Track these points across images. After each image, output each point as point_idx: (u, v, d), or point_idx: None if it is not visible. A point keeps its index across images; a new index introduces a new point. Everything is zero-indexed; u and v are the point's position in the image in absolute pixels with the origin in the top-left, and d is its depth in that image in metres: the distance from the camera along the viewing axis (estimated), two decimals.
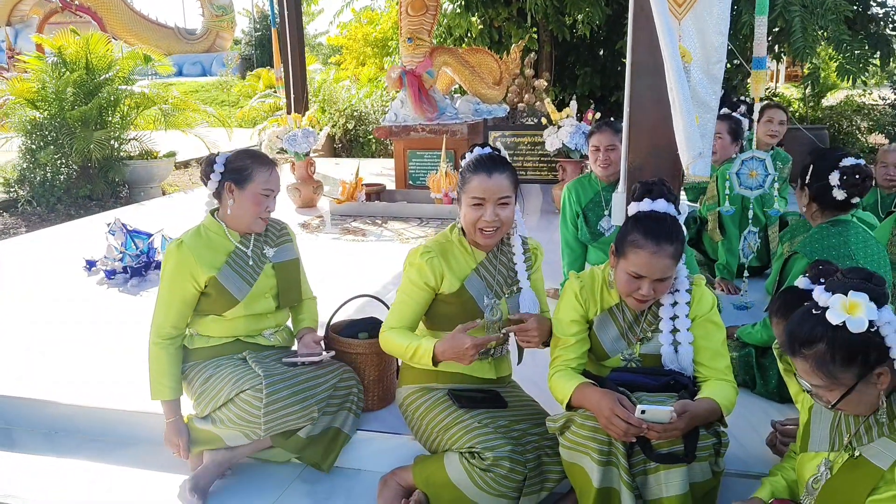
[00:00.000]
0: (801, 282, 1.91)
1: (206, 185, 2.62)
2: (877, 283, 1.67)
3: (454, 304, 2.40)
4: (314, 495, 2.51)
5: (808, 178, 2.79)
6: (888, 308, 1.62)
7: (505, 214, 2.31)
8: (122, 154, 9.12)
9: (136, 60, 9.44)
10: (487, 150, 2.38)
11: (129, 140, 9.27)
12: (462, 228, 2.43)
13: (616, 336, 2.25)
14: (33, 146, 8.67)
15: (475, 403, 2.39)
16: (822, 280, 1.75)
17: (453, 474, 2.25)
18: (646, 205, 2.15)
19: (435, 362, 2.29)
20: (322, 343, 2.71)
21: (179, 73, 22.83)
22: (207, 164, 2.60)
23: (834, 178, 2.70)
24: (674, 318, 2.19)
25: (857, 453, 1.72)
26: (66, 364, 3.36)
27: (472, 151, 2.39)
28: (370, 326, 2.88)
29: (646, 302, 2.16)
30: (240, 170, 2.56)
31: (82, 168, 8.74)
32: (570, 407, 2.14)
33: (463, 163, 2.39)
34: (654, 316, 2.22)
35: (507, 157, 2.40)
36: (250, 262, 2.62)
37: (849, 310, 1.60)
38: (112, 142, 8.90)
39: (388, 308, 2.53)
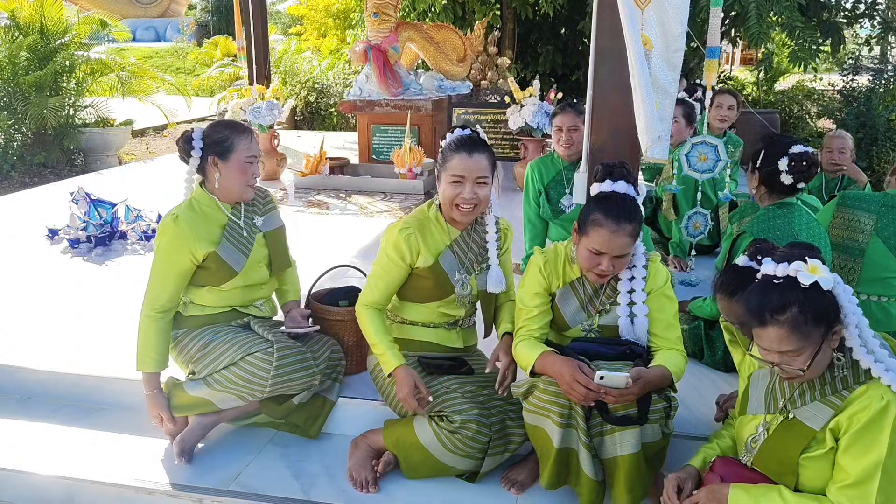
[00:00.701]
0: (741, 259, 2.07)
1: (186, 162, 2.63)
2: (817, 252, 1.84)
3: (427, 279, 2.50)
4: (287, 458, 2.62)
5: (758, 162, 2.95)
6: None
7: (483, 193, 2.41)
8: (77, 121, 8.95)
9: (93, 25, 9.23)
10: (468, 131, 2.47)
11: (85, 107, 9.09)
12: (439, 205, 2.53)
13: (577, 308, 2.39)
14: None
15: (443, 370, 2.53)
16: (760, 257, 1.91)
17: (422, 436, 2.39)
18: (607, 186, 2.28)
19: (390, 374, 2.45)
20: (308, 318, 2.80)
21: (133, 39, 22.24)
22: (185, 141, 2.61)
23: (783, 163, 2.86)
24: (631, 291, 2.34)
25: (791, 415, 1.90)
26: (39, 331, 3.39)
27: (452, 133, 2.49)
28: (349, 294, 2.99)
29: (605, 277, 2.30)
30: (221, 141, 2.59)
31: (37, 135, 8.56)
32: (533, 373, 2.28)
33: (443, 142, 2.48)
34: (613, 290, 2.37)
35: (485, 137, 2.50)
36: (244, 233, 2.67)
37: (813, 272, 1.75)
38: (67, 109, 8.72)
39: (364, 275, 2.63)
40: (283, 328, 2.73)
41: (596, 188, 2.32)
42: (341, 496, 2.41)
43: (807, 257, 1.78)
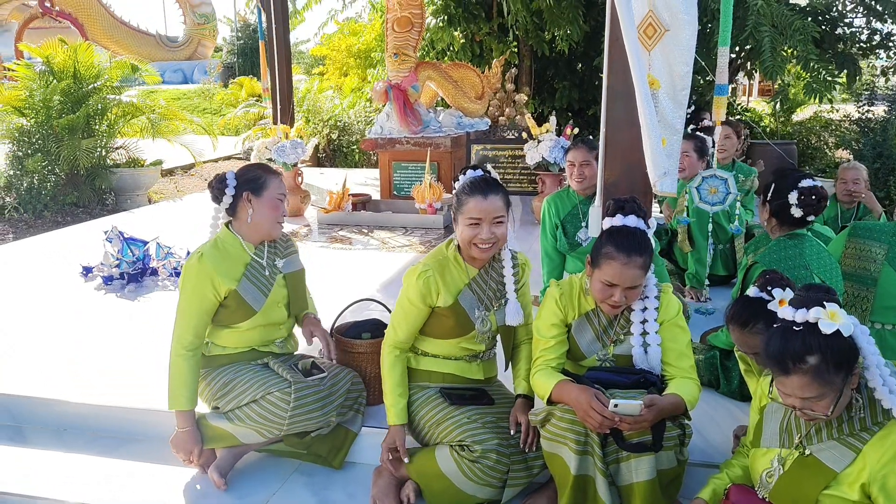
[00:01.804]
0: (752, 291, 2.13)
1: (219, 201, 2.74)
2: (832, 294, 1.86)
3: (448, 317, 2.58)
4: (312, 486, 2.70)
5: (769, 195, 3.03)
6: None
7: (500, 232, 2.49)
8: (109, 162, 9.22)
9: (124, 70, 9.56)
10: (479, 172, 2.56)
11: (117, 148, 9.39)
12: (458, 245, 2.60)
13: (592, 339, 2.46)
14: (20, 153, 8.77)
15: (465, 401, 2.59)
16: (770, 288, 1.97)
17: (444, 465, 2.46)
18: (618, 220, 2.37)
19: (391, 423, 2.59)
20: (323, 338, 2.89)
21: (161, 81, 22.88)
22: (219, 181, 2.74)
23: (793, 197, 2.94)
24: (644, 321, 2.41)
25: (807, 452, 1.93)
26: (74, 364, 3.52)
27: (463, 174, 2.57)
28: (372, 327, 3.09)
29: (618, 308, 2.37)
30: (254, 179, 2.73)
31: (69, 175, 8.84)
32: (549, 402, 2.35)
33: (457, 185, 2.56)
34: (626, 320, 2.44)
35: (497, 176, 2.60)
36: (266, 272, 2.79)
37: (833, 318, 1.77)
38: (99, 150, 9.00)
39: (387, 309, 2.72)
40: (311, 360, 2.85)
41: (608, 222, 2.40)
42: None
43: (825, 302, 1.80)
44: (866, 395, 1.87)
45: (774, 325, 1.90)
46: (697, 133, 4.69)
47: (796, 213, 2.93)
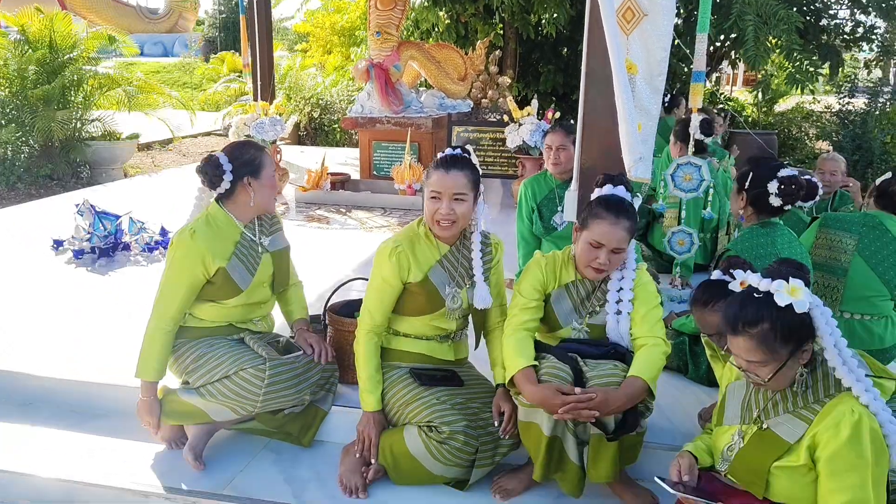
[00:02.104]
0: (715, 273, 2.16)
1: (215, 187, 2.66)
2: (804, 272, 1.93)
3: (419, 294, 2.58)
4: (280, 463, 2.69)
5: (746, 184, 3.03)
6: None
7: (460, 210, 2.48)
8: (84, 134, 9.09)
9: (101, 41, 9.40)
10: (457, 150, 2.57)
11: (92, 121, 9.25)
12: None
13: (570, 309, 2.53)
14: None
15: (434, 381, 2.59)
16: (731, 272, 2.00)
17: (412, 445, 2.47)
18: (608, 189, 2.45)
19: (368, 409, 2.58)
20: (318, 344, 2.81)
21: (140, 53, 22.53)
22: (214, 166, 2.64)
23: (772, 186, 2.95)
24: (619, 290, 2.48)
25: (764, 426, 1.98)
26: (41, 338, 3.48)
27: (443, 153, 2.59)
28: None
29: (601, 272, 2.43)
30: (251, 161, 2.67)
31: (44, 147, 8.70)
32: (511, 382, 2.39)
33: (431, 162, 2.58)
34: (603, 293, 2.51)
35: (475, 158, 2.59)
36: (259, 249, 2.75)
37: (792, 293, 1.83)
38: (74, 122, 8.88)
39: None
40: (286, 338, 2.83)
41: (597, 192, 2.48)
42: (331, 501, 2.48)
43: (790, 277, 1.86)
44: (821, 370, 1.92)
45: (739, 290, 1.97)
46: (681, 118, 4.70)
47: (775, 202, 2.95)
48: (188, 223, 2.69)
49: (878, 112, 8.63)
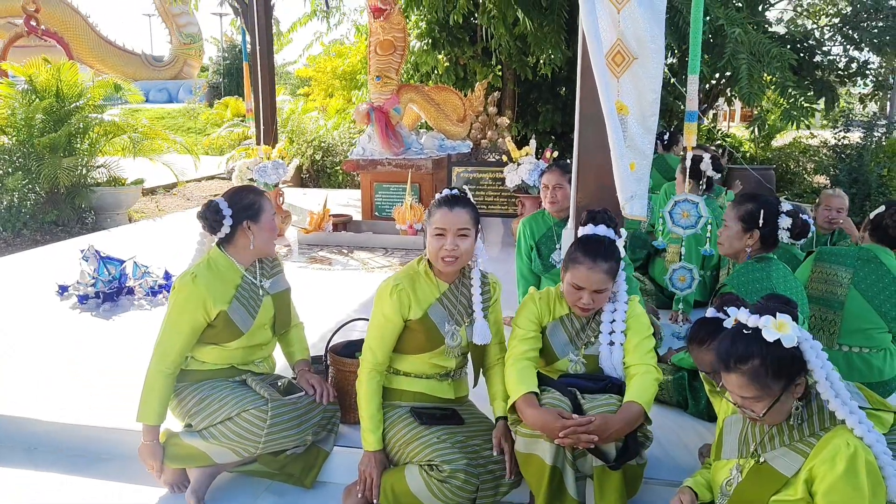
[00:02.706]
0: (710, 311, 2.19)
1: (216, 231, 2.72)
2: (792, 307, 1.96)
3: (418, 331, 2.61)
4: None
5: (760, 221, 2.98)
6: (804, 328, 1.91)
7: (464, 246, 2.54)
8: (89, 181, 9.20)
9: (107, 88, 9.57)
10: (455, 191, 2.64)
11: (98, 167, 9.37)
12: (429, 261, 2.66)
13: (565, 341, 2.59)
14: (0, 171, 8.72)
15: (435, 420, 2.61)
16: (725, 310, 2.03)
17: (413, 484, 2.47)
18: (589, 229, 2.53)
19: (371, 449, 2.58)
20: (319, 385, 2.84)
21: (146, 100, 22.92)
22: (214, 212, 2.70)
23: (785, 223, 2.98)
24: (612, 322, 2.55)
25: (762, 459, 1.99)
26: (46, 383, 3.50)
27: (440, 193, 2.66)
28: None
29: (587, 310, 2.52)
30: (250, 205, 2.73)
31: (49, 194, 8.80)
32: (512, 408, 2.44)
33: (432, 202, 2.65)
34: (597, 324, 2.57)
35: (471, 198, 2.67)
36: (260, 292, 2.79)
37: (779, 328, 1.86)
38: (80, 168, 8.98)
39: None
40: (287, 379, 2.85)
41: (581, 231, 2.57)
42: None
43: (778, 312, 1.89)
44: (816, 403, 1.94)
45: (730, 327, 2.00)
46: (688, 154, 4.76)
47: (785, 236, 2.99)
48: (190, 267, 2.74)
49: (874, 146, 8.72)
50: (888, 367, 3.21)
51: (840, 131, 9.15)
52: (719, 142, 12.26)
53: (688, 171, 4.02)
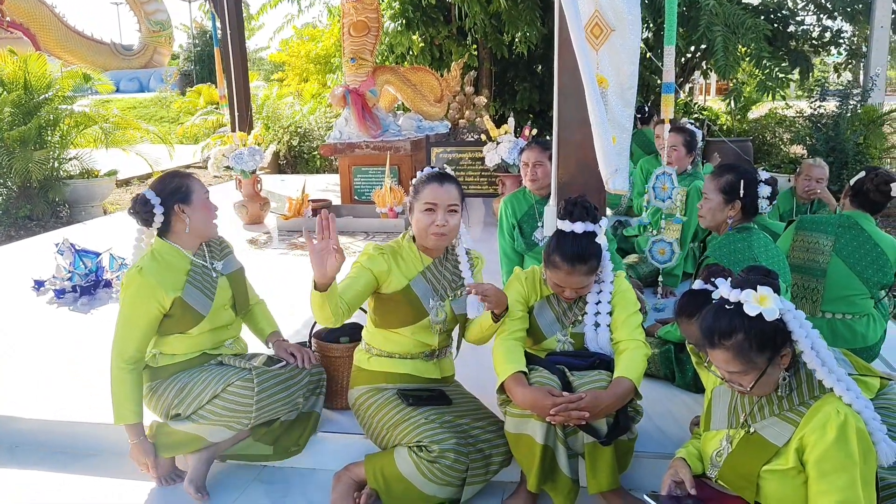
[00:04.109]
0: (697, 283, 2.18)
1: (150, 224, 2.69)
2: (773, 278, 1.95)
3: (402, 304, 2.61)
4: (271, 494, 2.67)
5: (741, 192, 3.02)
6: (786, 299, 1.90)
7: (453, 221, 2.56)
8: (62, 173, 9.04)
9: (76, 79, 9.39)
10: (437, 169, 2.65)
11: (70, 159, 9.21)
12: (413, 237, 2.67)
13: (552, 320, 2.60)
14: None
15: (422, 401, 2.60)
16: (713, 281, 2.02)
17: (403, 467, 2.46)
18: (566, 226, 2.49)
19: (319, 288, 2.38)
20: (298, 352, 2.84)
21: (116, 90, 22.53)
22: (143, 204, 2.67)
23: (764, 191, 3.01)
24: (598, 303, 2.56)
25: (751, 430, 1.99)
26: (26, 380, 3.44)
27: (422, 171, 2.65)
28: (350, 331, 3.08)
29: (573, 299, 2.54)
30: (178, 189, 2.69)
31: (21, 188, 8.65)
32: (501, 388, 2.43)
33: (414, 180, 2.65)
34: (584, 303, 2.58)
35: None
36: (213, 274, 2.76)
37: (761, 302, 1.85)
38: (52, 161, 8.83)
39: (363, 310, 2.75)
40: (265, 355, 2.82)
41: (559, 223, 2.52)
42: None
43: (759, 285, 1.88)
44: (804, 372, 1.94)
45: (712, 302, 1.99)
46: (686, 126, 4.76)
47: (763, 205, 3.01)
48: (134, 264, 2.69)
49: (849, 114, 8.74)
50: (871, 333, 3.23)
51: (815, 101, 9.17)
52: (696, 115, 12.28)
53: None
